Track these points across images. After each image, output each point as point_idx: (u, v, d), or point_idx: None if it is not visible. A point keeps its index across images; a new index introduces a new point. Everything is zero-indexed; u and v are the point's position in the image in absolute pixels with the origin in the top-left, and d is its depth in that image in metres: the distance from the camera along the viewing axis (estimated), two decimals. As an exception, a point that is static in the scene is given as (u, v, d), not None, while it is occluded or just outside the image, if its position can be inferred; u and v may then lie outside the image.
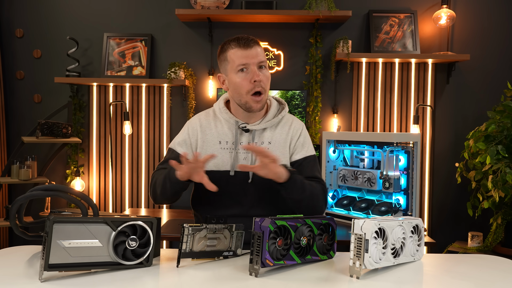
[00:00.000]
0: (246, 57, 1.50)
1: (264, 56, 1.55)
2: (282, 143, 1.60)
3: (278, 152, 1.58)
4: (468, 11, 3.12)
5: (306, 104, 3.01)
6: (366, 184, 2.51)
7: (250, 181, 1.56)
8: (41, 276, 1.09)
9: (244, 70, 1.51)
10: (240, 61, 1.50)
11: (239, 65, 1.50)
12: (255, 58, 1.51)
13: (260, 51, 1.53)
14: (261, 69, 1.52)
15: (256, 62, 1.51)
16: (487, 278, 1.22)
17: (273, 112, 1.62)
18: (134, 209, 3.18)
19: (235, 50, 1.51)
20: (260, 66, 1.52)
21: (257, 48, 1.52)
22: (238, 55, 1.50)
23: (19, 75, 3.21)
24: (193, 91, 3.15)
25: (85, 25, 3.18)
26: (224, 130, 1.61)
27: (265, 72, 1.53)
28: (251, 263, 1.18)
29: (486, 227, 3.03)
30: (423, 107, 3.11)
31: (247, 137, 1.59)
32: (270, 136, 1.60)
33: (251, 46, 1.51)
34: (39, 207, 3.15)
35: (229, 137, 1.60)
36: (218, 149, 1.58)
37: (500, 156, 2.47)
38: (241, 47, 1.50)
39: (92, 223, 1.15)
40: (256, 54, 1.51)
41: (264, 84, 1.52)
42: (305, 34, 3.15)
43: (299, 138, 1.63)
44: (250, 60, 1.50)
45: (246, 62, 1.50)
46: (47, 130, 2.86)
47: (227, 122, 1.61)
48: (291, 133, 1.62)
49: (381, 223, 1.20)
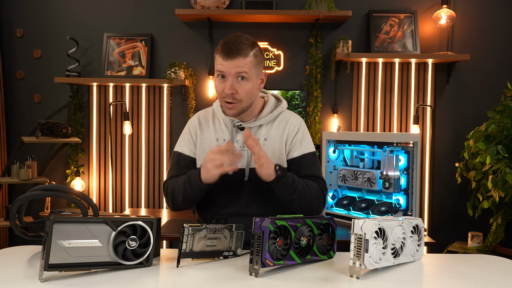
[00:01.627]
0: (224, 66, 1.47)
1: (250, 65, 1.48)
2: (278, 140, 1.59)
3: (273, 149, 1.58)
4: (468, 11, 3.12)
5: (306, 104, 3.01)
6: (366, 184, 2.51)
7: (247, 179, 1.56)
8: (41, 276, 1.09)
9: (223, 77, 1.50)
10: (219, 67, 1.49)
11: (217, 70, 1.50)
12: (232, 69, 1.46)
13: (241, 62, 1.46)
14: (239, 80, 1.48)
15: (233, 73, 1.47)
16: (487, 278, 1.22)
17: (269, 108, 1.61)
18: (134, 209, 3.18)
19: (218, 56, 1.49)
20: (240, 77, 1.48)
21: (239, 58, 1.46)
22: (219, 61, 1.49)
23: (19, 75, 3.21)
24: (193, 91, 3.15)
25: (85, 25, 3.18)
26: (221, 128, 1.62)
27: (244, 85, 1.48)
28: (251, 263, 1.18)
29: (486, 227, 3.03)
30: (423, 107, 3.11)
31: (242, 135, 1.58)
32: (265, 133, 1.59)
33: (233, 56, 1.46)
34: (39, 207, 3.15)
35: (226, 135, 1.60)
36: (215, 146, 1.59)
37: (500, 156, 2.47)
38: (223, 54, 1.47)
39: (92, 223, 1.15)
40: (235, 65, 1.46)
41: (239, 96, 1.49)
42: (305, 34, 3.15)
43: (296, 134, 1.60)
44: (226, 70, 1.47)
45: (222, 70, 1.48)
46: (47, 130, 2.86)
47: (224, 120, 1.62)
48: (288, 129, 1.60)
49: (381, 223, 1.20)
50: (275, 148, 1.58)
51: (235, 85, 1.48)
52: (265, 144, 1.58)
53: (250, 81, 1.50)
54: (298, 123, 1.63)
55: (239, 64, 1.46)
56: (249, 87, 1.50)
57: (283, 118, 1.63)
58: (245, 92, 1.49)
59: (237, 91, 1.48)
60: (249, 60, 1.48)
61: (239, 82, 1.49)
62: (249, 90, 1.50)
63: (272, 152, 1.58)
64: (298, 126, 1.62)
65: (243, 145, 1.57)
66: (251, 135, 1.42)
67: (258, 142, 1.44)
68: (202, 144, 1.61)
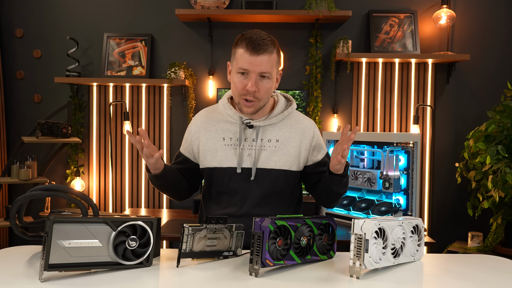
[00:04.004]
0: (249, 63, 1.46)
1: (273, 63, 1.50)
2: (294, 144, 1.58)
3: (286, 151, 1.57)
4: (468, 11, 3.12)
5: (306, 104, 3.01)
6: (366, 184, 2.51)
7: (253, 178, 1.54)
8: (41, 276, 1.10)
9: (244, 74, 1.49)
10: (242, 64, 1.47)
11: (240, 68, 1.48)
12: (257, 67, 1.46)
13: (266, 60, 1.47)
14: (262, 79, 1.49)
15: (257, 71, 1.47)
16: (487, 278, 1.22)
17: (279, 108, 1.61)
18: (134, 209, 3.18)
19: (243, 52, 1.47)
20: (263, 75, 1.49)
21: (265, 56, 1.46)
22: (243, 58, 1.47)
23: (19, 75, 3.21)
24: (193, 91, 3.15)
25: (85, 25, 3.18)
26: (227, 127, 1.60)
27: (265, 83, 1.49)
28: (251, 263, 1.18)
29: (486, 227, 3.03)
30: (423, 107, 3.11)
31: (251, 133, 1.58)
32: (277, 134, 1.58)
33: (259, 53, 1.46)
34: (39, 207, 3.15)
35: (233, 133, 1.58)
36: (222, 145, 1.57)
37: (500, 156, 2.47)
38: (248, 51, 1.46)
39: (92, 223, 1.15)
40: (260, 63, 1.46)
41: (260, 95, 1.49)
42: (305, 34, 3.15)
43: (313, 138, 1.61)
44: (251, 68, 1.47)
45: (247, 68, 1.47)
46: (47, 130, 2.86)
47: (231, 118, 1.60)
48: (305, 135, 1.60)
49: (381, 223, 1.20)
50: (289, 151, 1.57)
51: (257, 83, 1.48)
52: (278, 146, 1.57)
53: (271, 80, 1.51)
54: (312, 126, 1.64)
55: (264, 62, 1.47)
56: (270, 86, 1.52)
57: (296, 121, 1.62)
58: (265, 90, 1.51)
59: (259, 89, 1.49)
60: (273, 59, 1.50)
61: (261, 81, 1.49)
62: (269, 89, 1.52)
63: (284, 154, 1.56)
64: (313, 130, 1.63)
65: (252, 143, 1.56)
66: (351, 137, 1.40)
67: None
68: (207, 144, 1.60)
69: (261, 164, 1.54)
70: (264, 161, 1.55)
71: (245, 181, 1.55)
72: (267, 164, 1.55)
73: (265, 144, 1.56)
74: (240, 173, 1.54)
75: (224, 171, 1.55)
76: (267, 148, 1.56)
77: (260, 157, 1.55)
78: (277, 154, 1.55)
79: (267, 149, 1.56)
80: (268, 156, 1.55)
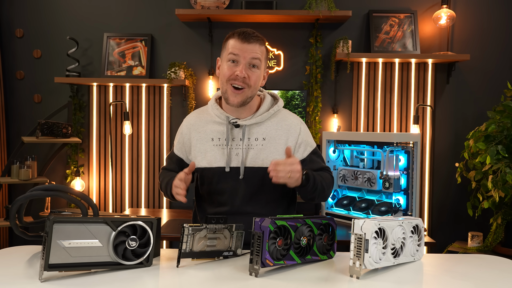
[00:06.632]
0: (239, 50, 1.49)
1: (262, 55, 1.53)
2: (280, 141, 1.59)
3: (273, 149, 1.57)
4: (468, 11, 3.12)
5: (306, 104, 3.01)
6: (366, 184, 2.51)
7: (242, 177, 1.55)
8: (41, 276, 1.09)
9: (234, 62, 1.51)
10: (233, 50, 1.50)
11: (230, 53, 1.50)
12: (248, 54, 1.49)
13: (257, 49, 1.51)
14: (251, 67, 1.52)
15: (248, 57, 1.50)
16: (487, 278, 1.22)
17: (265, 107, 1.61)
18: (134, 209, 3.18)
19: (234, 41, 1.51)
20: (253, 64, 1.51)
21: (256, 45, 1.51)
22: (234, 45, 1.50)
23: (19, 75, 3.21)
24: (193, 91, 3.15)
25: (85, 25, 3.18)
26: (215, 127, 1.61)
27: (255, 71, 1.52)
28: (251, 263, 1.18)
29: (486, 227, 3.03)
30: (423, 107, 3.11)
31: (238, 133, 1.58)
32: (263, 132, 1.59)
33: (250, 41, 1.50)
34: (39, 207, 3.15)
35: (221, 134, 1.59)
36: (211, 146, 1.59)
37: (500, 156, 2.47)
38: (240, 39, 1.50)
39: (92, 223, 1.15)
40: (251, 50, 1.50)
41: (249, 81, 1.51)
42: (305, 34, 3.15)
43: (300, 135, 1.61)
44: (242, 54, 1.49)
45: (237, 53, 1.49)
46: (47, 130, 2.86)
47: (219, 118, 1.61)
48: (291, 132, 1.60)
49: (381, 223, 1.20)
50: (276, 148, 1.58)
51: (247, 70, 1.51)
52: (264, 144, 1.58)
53: (260, 70, 1.54)
54: (298, 123, 1.64)
55: (254, 49, 1.50)
56: (259, 75, 1.54)
57: (282, 118, 1.63)
58: (255, 78, 1.52)
59: (249, 76, 1.51)
60: (263, 50, 1.54)
61: (250, 69, 1.51)
62: (258, 78, 1.54)
63: (271, 152, 1.57)
64: (299, 127, 1.62)
65: (240, 142, 1.57)
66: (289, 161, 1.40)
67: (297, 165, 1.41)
68: (197, 145, 1.61)
69: (249, 163, 1.56)
70: (252, 160, 1.56)
71: (234, 180, 1.56)
72: (255, 163, 1.56)
73: (252, 143, 1.57)
74: (228, 172, 1.55)
75: (213, 171, 1.57)
76: (254, 146, 1.57)
77: (248, 156, 1.56)
78: (264, 152, 1.56)
79: (254, 147, 1.57)
80: (255, 155, 1.56)
